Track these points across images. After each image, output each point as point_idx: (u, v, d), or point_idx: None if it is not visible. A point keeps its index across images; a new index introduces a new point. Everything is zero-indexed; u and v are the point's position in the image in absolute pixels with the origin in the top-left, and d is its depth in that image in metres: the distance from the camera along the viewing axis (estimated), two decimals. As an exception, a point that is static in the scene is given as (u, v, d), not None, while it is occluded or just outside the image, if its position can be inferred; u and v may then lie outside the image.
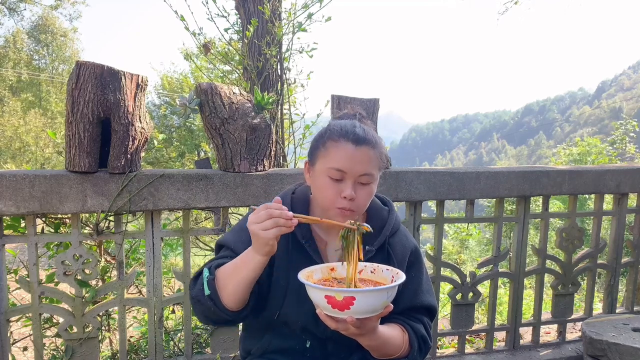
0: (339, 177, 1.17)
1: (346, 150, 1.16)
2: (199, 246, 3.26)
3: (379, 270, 1.18)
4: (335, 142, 1.18)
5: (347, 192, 1.16)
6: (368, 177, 1.18)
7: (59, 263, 1.96)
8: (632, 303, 2.91)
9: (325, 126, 1.27)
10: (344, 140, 1.17)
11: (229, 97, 1.98)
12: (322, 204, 1.21)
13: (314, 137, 1.29)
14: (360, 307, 1.00)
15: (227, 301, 1.15)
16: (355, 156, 1.16)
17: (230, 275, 1.14)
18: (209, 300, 1.16)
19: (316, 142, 1.24)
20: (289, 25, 3.48)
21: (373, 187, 1.22)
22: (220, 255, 1.30)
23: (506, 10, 9.82)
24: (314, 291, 1.03)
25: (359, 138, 1.17)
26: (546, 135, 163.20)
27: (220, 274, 1.17)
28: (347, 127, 1.20)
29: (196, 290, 1.20)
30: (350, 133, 1.18)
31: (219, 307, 1.16)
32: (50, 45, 25.71)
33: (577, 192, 2.59)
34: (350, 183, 1.17)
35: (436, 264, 2.44)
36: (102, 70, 1.79)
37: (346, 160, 1.16)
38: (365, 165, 1.17)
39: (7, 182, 1.80)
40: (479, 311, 4.92)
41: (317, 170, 1.21)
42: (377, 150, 1.20)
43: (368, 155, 1.18)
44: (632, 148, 12.33)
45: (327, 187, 1.17)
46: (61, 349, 2.50)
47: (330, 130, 1.21)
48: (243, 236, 1.27)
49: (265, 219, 1.04)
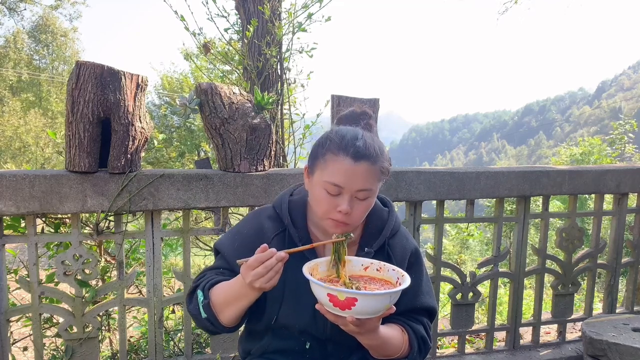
0: (335, 192, 1.14)
1: (344, 166, 1.12)
2: (199, 246, 3.26)
3: (385, 269, 1.18)
4: (335, 155, 1.14)
5: (343, 207, 1.14)
6: (366, 193, 1.16)
7: (59, 263, 1.96)
8: (632, 303, 2.91)
9: (328, 132, 1.22)
10: (343, 155, 1.13)
11: (229, 97, 1.98)
12: (317, 214, 1.20)
13: (316, 141, 1.25)
14: (362, 308, 1.00)
15: (225, 322, 1.19)
16: (353, 172, 1.12)
17: (226, 303, 1.16)
18: (206, 321, 1.20)
19: (316, 150, 1.20)
20: (289, 25, 3.48)
21: (371, 200, 1.19)
22: (213, 265, 1.31)
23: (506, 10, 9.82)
24: (317, 288, 1.03)
25: (358, 153, 1.13)
26: (546, 135, 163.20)
27: (215, 297, 1.18)
28: (347, 139, 1.15)
29: (192, 308, 1.23)
30: (350, 147, 1.13)
31: (217, 327, 1.20)
32: (50, 45, 25.72)
33: (577, 192, 2.59)
34: (347, 198, 1.14)
35: (436, 264, 2.44)
36: (102, 70, 1.79)
37: (343, 176, 1.13)
38: (363, 181, 1.14)
39: (7, 182, 1.80)
40: (479, 311, 4.93)
41: (315, 180, 1.19)
42: (378, 165, 1.16)
43: (367, 171, 1.14)
44: (631, 148, 12.32)
45: (323, 199, 1.16)
46: (61, 349, 2.50)
47: (331, 141, 1.16)
48: (237, 241, 1.28)
49: (265, 273, 1.06)
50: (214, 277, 1.24)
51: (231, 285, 1.16)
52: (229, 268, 1.27)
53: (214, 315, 1.18)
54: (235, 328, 1.23)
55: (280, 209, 1.30)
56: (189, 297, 1.27)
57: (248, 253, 1.25)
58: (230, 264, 1.26)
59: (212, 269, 1.30)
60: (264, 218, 1.31)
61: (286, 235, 1.27)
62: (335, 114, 2.12)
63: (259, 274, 1.05)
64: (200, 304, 1.19)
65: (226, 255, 1.27)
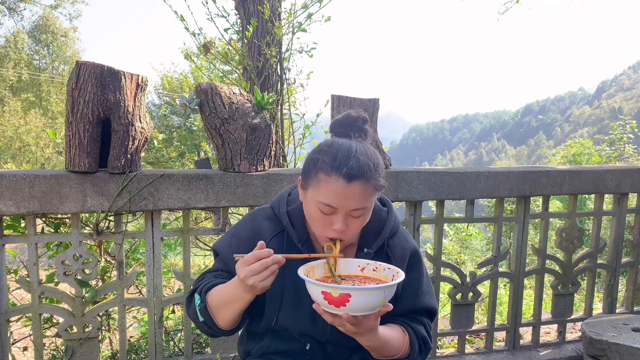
0: (329, 212, 1.13)
1: (337, 188, 1.09)
2: (199, 246, 3.26)
3: (381, 268, 1.18)
4: (327, 175, 1.10)
5: (338, 226, 1.13)
6: (360, 211, 1.14)
7: (59, 263, 1.96)
8: (632, 303, 2.91)
9: (321, 146, 1.18)
10: (336, 176, 1.09)
11: (229, 97, 1.98)
12: (313, 229, 1.21)
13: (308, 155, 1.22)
14: (356, 304, 1.00)
15: (222, 324, 1.19)
16: (346, 194, 1.09)
17: (221, 306, 1.16)
18: (204, 325, 1.20)
19: (309, 168, 1.16)
20: (288, 25, 3.48)
21: (366, 216, 1.18)
22: (212, 267, 1.32)
23: (506, 10, 9.80)
24: (312, 287, 1.04)
25: (351, 174, 1.09)
26: (546, 135, 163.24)
27: (212, 300, 1.18)
28: (339, 159, 1.10)
29: (191, 312, 1.24)
30: (343, 166, 1.09)
31: (215, 330, 1.20)
32: (51, 45, 25.73)
33: (577, 192, 2.59)
34: (341, 217, 1.13)
35: (436, 264, 2.44)
36: (102, 70, 1.79)
37: (337, 197, 1.10)
38: (357, 200, 1.11)
39: (7, 182, 1.80)
40: (479, 311, 4.93)
41: (309, 197, 1.17)
42: (371, 182, 1.12)
43: (360, 191, 1.10)
44: (630, 149, 12.32)
45: (317, 218, 1.15)
46: (61, 349, 2.50)
47: (323, 160, 1.11)
48: (234, 243, 1.27)
49: (261, 271, 1.05)
50: (212, 280, 1.24)
51: (226, 288, 1.16)
52: (226, 270, 1.27)
53: (211, 319, 1.18)
54: (234, 331, 1.23)
55: (278, 210, 1.30)
56: (188, 300, 1.28)
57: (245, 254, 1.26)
58: (227, 266, 1.26)
59: (210, 271, 1.30)
60: (261, 219, 1.30)
61: (285, 236, 1.27)
62: (335, 114, 2.12)
63: (254, 270, 1.04)
64: (198, 307, 1.19)
65: (224, 257, 1.27)
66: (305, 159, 1.23)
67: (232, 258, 1.15)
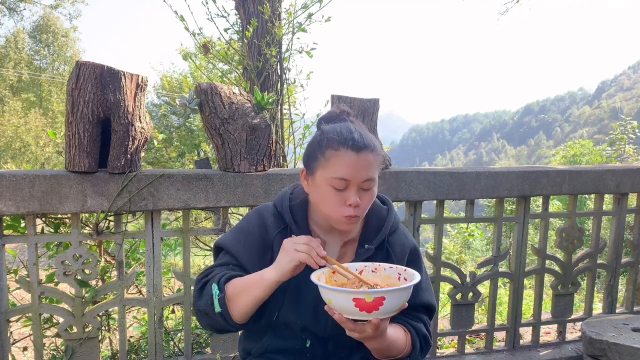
0: (342, 187, 1.15)
1: (348, 159, 1.13)
2: (199, 246, 3.26)
3: (381, 268, 1.17)
4: (335, 150, 1.15)
5: (353, 200, 1.15)
6: (370, 182, 1.17)
7: (59, 263, 1.96)
8: (632, 303, 2.91)
9: (318, 132, 1.23)
10: (344, 149, 1.14)
11: (228, 97, 1.98)
12: (328, 213, 1.20)
13: (308, 143, 1.25)
14: (388, 307, 0.98)
15: (236, 317, 1.18)
16: (357, 163, 1.14)
17: (241, 294, 1.15)
18: (219, 316, 1.18)
19: (313, 150, 1.21)
20: (288, 25, 3.48)
21: (375, 189, 1.21)
22: (220, 261, 1.29)
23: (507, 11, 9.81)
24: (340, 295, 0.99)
25: (358, 145, 1.14)
26: (546, 135, 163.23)
27: (230, 290, 1.17)
28: (344, 134, 1.16)
29: (204, 303, 1.20)
30: (349, 140, 1.14)
31: (229, 322, 1.19)
32: (51, 45, 25.73)
33: (577, 192, 2.59)
34: (354, 190, 1.15)
35: (436, 264, 2.44)
36: (102, 70, 1.79)
37: (349, 169, 1.14)
38: (368, 170, 1.15)
39: (7, 182, 1.80)
40: (478, 311, 4.92)
41: (318, 180, 1.18)
42: (376, 152, 1.18)
43: (369, 160, 1.15)
44: (631, 149, 12.32)
45: (331, 197, 1.16)
46: (61, 349, 2.50)
47: (328, 138, 1.17)
48: (242, 238, 1.27)
49: (302, 243, 1.10)
50: (227, 272, 1.23)
51: (250, 276, 1.17)
52: (237, 264, 1.26)
53: (227, 310, 1.16)
54: (244, 326, 1.22)
55: (281, 207, 1.30)
56: (198, 291, 1.25)
57: (255, 248, 1.24)
58: (238, 260, 1.25)
59: (219, 265, 1.28)
60: (266, 214, 1.31)
61: (288, 233, 1.27)
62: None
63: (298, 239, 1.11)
64: (216, 297, 1.17)
65: (233, 251, 1.26)
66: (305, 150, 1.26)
67: (243, 252, 1.17)
